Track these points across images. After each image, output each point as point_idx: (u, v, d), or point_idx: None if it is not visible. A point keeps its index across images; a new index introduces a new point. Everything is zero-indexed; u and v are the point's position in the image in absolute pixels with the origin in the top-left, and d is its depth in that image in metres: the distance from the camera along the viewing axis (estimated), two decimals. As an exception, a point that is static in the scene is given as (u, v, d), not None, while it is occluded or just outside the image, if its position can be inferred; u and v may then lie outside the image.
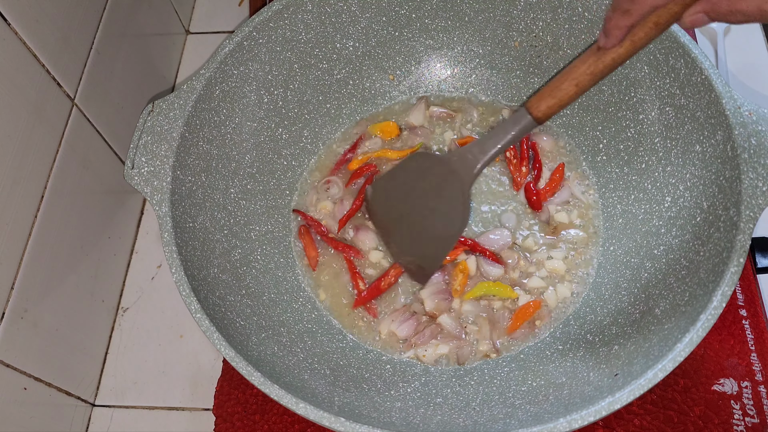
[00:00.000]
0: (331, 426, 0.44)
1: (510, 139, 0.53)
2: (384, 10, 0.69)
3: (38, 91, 0.56)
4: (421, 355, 0.60)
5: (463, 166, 0.55)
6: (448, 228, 0.58)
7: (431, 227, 0.59)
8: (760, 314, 0.62)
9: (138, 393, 0.66)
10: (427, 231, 0.60)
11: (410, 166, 0.60)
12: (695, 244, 0.53)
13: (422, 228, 0.60)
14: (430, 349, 0.60)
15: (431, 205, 0.59)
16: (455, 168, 0.56)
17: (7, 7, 0.52)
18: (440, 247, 0.59)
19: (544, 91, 0.50)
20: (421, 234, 0.60)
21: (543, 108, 0.50)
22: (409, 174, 0.60)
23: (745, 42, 0.81)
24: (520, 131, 0.52)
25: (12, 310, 0.53)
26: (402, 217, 0.61)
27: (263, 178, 0.67)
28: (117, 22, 0.69)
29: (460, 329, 0.61)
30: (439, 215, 0.58)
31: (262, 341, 0.54)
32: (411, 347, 0.61)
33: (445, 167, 0.56)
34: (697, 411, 0.58)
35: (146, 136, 0.57)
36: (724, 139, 0.52)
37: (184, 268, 0.51)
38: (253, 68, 0.64)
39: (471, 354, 0.60)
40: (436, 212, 0.59)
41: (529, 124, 0.51)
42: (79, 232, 0.63)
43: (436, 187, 0.58)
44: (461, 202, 0.56)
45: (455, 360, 0.60)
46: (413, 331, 0.61)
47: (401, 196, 0.61)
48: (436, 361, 0.60)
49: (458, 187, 0.56)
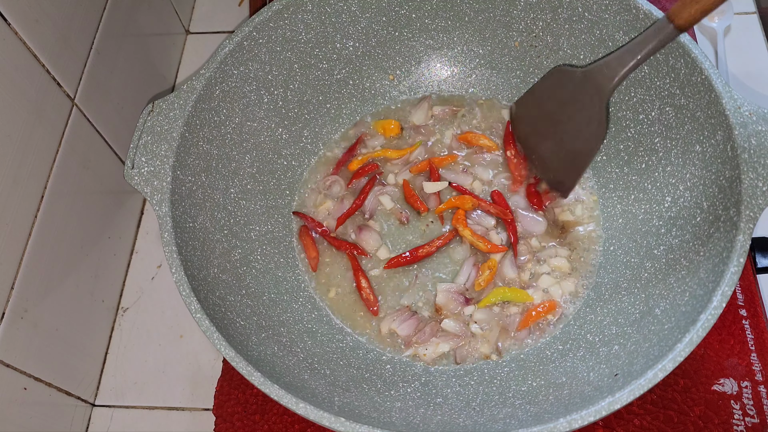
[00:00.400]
0: (331, 426, 0.44)
1: (649, 50, 0.52)
2: (384, 10, 0.69)
3: (38, 91, 0.56)
4: (421, 353, 0.60)
5: (601, 78, 0.55)
6: (587, 143, 0.58)
7: (571, 142, 0.60)
8: (760, 314, 0.62)
9: (138, 393, 0.66)
10: (567, 146, 0.60)
11: (549, 81, 0.61)
12: (695, 244, 0.53)
13: (562, 143, 0.60)
14: (431, 348, 0.60)
15: (570, 120, 0.59)
16: (593, 81, 0.55)
17: (7, 7, 0.52)
18: (579, 162, 0.60)
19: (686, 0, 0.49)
20: (562, 149, 0.60)
21: (686, 15, 0.49)
22: (548, 90, 0.61)
23: (745, 42, 0.81)
24: (661, 42, 0.51)
25: (12, 310, 0.53)
26: (543, 133, 0.62)
27: (263, 178, 0.67)
28: (117, 22, 0.69)
29: (464, 329, 0.61)
30: (578, 130, 0.58)
31: (262, 341, 0.54)
32: (411, 346, 0.61)
33: (583, 80, 0.56)
34: (697, 411, 0.58)
35: (146, 136, 0.57)
36: (724, 139, 0.52)
37: (184, 268, 0.51)
38: (253, 68, 0.64)
39: (470, 354, 0.60)
40: (575, 127, 0.59)
41: (671, 34, 0.50)
42: (79, 232, 0.63)
43: (575, 101, 0.58)
44: (598, 116, 0.56)
45: (454, 359, 0.60)
46: (414, 330, 0.61)
47: (542, 112, 0.62)
48: (435, 361, 0.60)
49: (596, 100, 0.56)
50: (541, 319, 0.61)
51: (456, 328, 0.61)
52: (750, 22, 0.82)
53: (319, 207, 0.69)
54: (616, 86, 0.55)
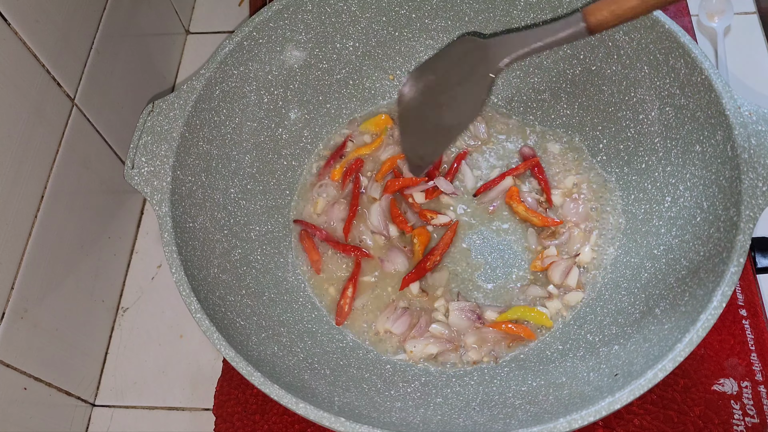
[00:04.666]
0: (331, 426, 0.44)
1: (555, 40, 0.49)
2: (384, 10, 0.69)
3: (38, 91, 0.56)
4: (408, 349, 0.60)
5: (496, 51, 0.52)
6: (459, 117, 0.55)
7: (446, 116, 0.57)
8: (760, 314, 0.62)
9: (138, 393, 0.66)
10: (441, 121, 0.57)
11: (448, 50, 0.58)
12: (695, 244, 0.53)
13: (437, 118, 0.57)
14: (419, 346, 0.60)
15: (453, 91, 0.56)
16: (488, 53, 0.52)
17: (7, 7, 0.52)
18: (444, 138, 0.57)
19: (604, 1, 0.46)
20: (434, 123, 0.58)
21: (599, 16, 0.46)
22: (444, 59, 0.58)
23: (745, 42, 0.81)
24: (568, 36, 0.48)
25: (12, 310, 0.53)
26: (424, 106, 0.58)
27: (263, 178, 0.67)
28: (117, 22, 0.69)
29: (453, 335, 0.61)
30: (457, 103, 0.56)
31: (262, 341, 0.54)
32: (404, 341, 0.61)
33: (479, 50, 0.53)
34: (697, 411, 0.58)
35: (146, 136, 0.57)
36: (724, 139, 0.52)
37: (184, 268, 0.51)
38: (253, 68, 0.64)
39: (458, 360, 0.60)
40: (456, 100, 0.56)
41: (581, 32, 0.48)
42: (79, 232, 0.63)
43: (464, 71, 0.55)
44: (480, 90, 0.53)
45: (440, 362, 0.60)
46: (408, 326, 0.61)
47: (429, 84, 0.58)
48: (422, 359, 0.60)
49: (484, 73, 0.53)
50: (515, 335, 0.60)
51: (446, 333, 0.60)
52: (750, 22, 0.82)
53: (318, 211, 0.69)
54: (508, 65, 0.52)
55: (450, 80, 0.56)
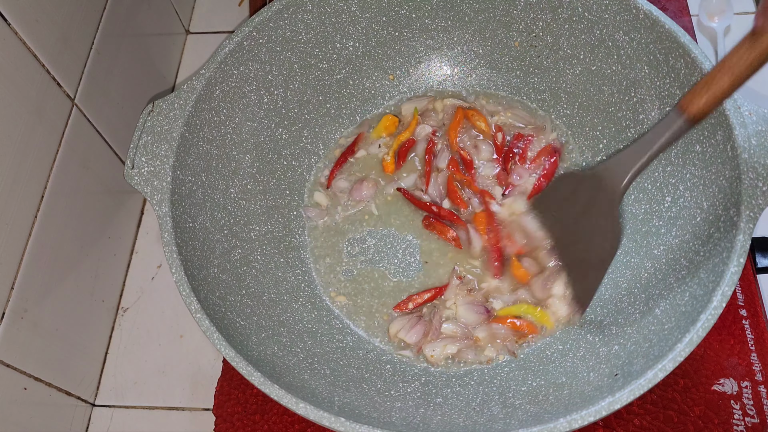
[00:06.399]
0: (331, 426, 0.44)
1: (661, 144, 0.48)
2: (384, 10, 0.69)
3: (38, 91, 0.56)
4: (429, 355, 0.60)
5: (610, 180, 0.51)
6: (599, 254, 0.53)
7: (584, 252, 0.55)
8: (760, 314, 0.62)
9: (138, 393, 0.66)
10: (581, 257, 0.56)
11: (558, 186, 0.57)
12: (695, 244, 0.53)
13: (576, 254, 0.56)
14: (438, 349, 0.60)
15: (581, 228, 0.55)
16: (603, 183, 0.52)
17: (7, 7, 0.52)
18: (593, 277, 0.55)
19: (696, 88, 0.46)
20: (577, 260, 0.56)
21: (697, 105, 0.46)
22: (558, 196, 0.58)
23: (745, 42, 0.80)
24: (673, 135, 0.48)
25: (12, 310, 0.53)
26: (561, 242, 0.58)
27: (263, 178, 0.67)
28: (117, 22, 0.69)
29: (466, 331, 0.61)
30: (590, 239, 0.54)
31: (262, 341, 0.54)
32: (421, 351, 0.60)
33: (592, 183, 0.53)
34: (697, 411, 0.58)
35: (146, 136, 0.57)
36: (724, 139, 0.52)
37: (184, 268, 0.51)
38: (253, 68, 0.64)
39: (476, 358, 0.60)
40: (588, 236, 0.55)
41: (684, 126, 0.47)
42: (79, 232, 0.63)
43: (584, 207, 0.54)
44: (611, 222, 0.52)
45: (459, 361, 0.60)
46: (422, 335, 0.60)
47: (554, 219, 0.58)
48: (443, 360, 0.60)
49: (607, 204, 0.52)
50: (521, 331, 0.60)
51: (459, 330, 0.61)
52: (750, 22, 0.81)
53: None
54: (627, 188, 0.51)
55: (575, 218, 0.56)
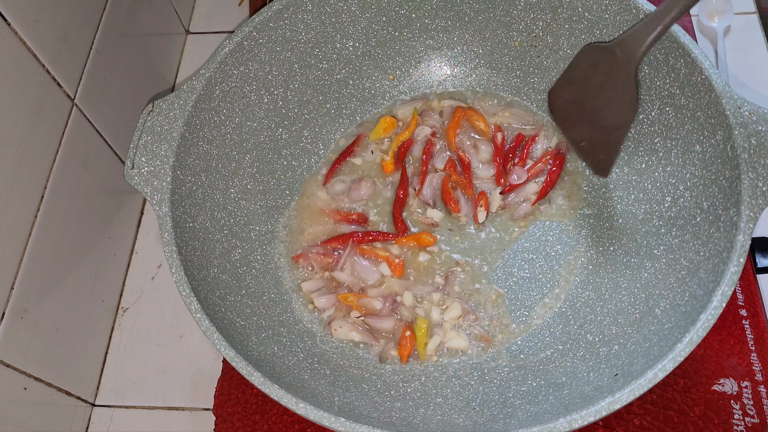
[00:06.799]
0: (331, 426, 0.44)
1: (675, 15, 0.52)
2: (384, 10, 0.69)
3: (38, 91, 0.56)
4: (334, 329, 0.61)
5: (629, 47, 0.55)
6: (619, 116, 0.59)
7: (604, 118, 0.61)
8: (760, 314, 0.62)
9: (138, 393, 0.66)
10: (602, 123, 0.61)
11: (579, 60, 0.62)
12: (695, 244, 0.53)
13: (597, 121, 0.62)
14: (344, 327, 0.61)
15: (601, 96, 0.60)
16: (621, 51, 0.56)
17: (7, 7, 0.52)
18: (614, 137, 0.60)
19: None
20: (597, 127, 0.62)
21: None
22: (579, 70, 0.63)
23: (745, 42, 0.81)
24: (685, 5, 0.51)
25: (12, 310, 0.53)
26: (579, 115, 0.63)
27: (263, 178, 0.67)
28: (117, 22, 0.69)
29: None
30: (610, 105, 0.60)
31: (262, 341, 0.54)
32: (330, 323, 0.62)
33: (611, 53, 0.57)
34: (697, 411, 0.58)
35: (146, 136, 0.57)
36: (724, 139, 0.52)
37: (184, 268, 0.51)
38: (253, 68, 0.64)
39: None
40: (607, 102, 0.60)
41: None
42: (79, 232, 0.63)
43: (604, 76, 0.59)
44: (628, 86, 0.57)
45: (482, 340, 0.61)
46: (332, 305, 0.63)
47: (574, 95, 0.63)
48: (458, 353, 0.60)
49: (625, 70, 0.56)
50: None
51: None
52: (750, 22, 0.82)
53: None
54: (644, 53, 0.55)
55: (591, 87, 0.61)
